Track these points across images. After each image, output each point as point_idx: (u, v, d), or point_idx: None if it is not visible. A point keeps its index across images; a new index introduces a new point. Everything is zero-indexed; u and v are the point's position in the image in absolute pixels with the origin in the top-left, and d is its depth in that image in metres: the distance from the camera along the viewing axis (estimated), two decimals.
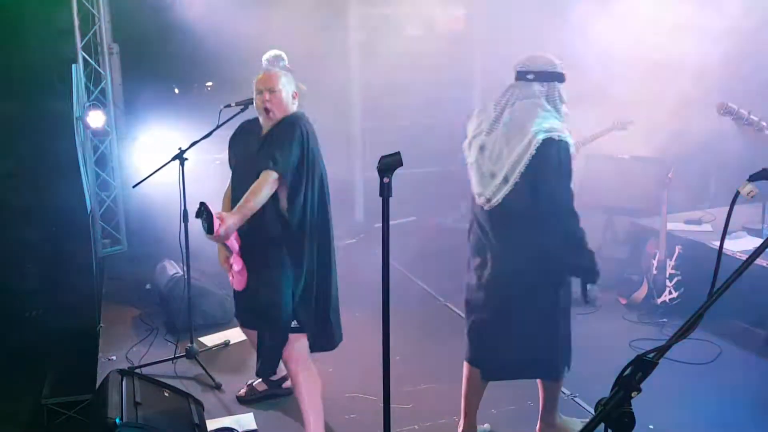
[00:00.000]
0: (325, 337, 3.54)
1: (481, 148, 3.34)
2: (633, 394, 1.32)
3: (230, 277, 3.49)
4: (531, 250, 3.27)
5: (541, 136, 3.10)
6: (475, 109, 3.54)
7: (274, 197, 3.29)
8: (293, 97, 3.49)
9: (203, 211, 2.99)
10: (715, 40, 5.47)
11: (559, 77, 3.29)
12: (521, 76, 3.30)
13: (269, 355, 3.46)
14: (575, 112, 3.69)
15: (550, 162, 3.11)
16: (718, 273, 1.51)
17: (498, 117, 3.30)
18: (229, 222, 3.07)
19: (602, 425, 1.35)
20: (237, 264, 3.38)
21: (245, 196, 3.22)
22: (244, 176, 3.40)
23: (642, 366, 1.33)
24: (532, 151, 3.11)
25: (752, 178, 1.65)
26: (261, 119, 3.48)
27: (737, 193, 1.70)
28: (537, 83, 3.26)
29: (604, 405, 1.33)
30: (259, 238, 3.35)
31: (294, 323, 3.39)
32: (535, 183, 3.15)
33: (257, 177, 3.26)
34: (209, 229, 2.99)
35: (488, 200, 3.29)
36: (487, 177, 3.30)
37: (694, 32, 5.59)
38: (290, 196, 3.31)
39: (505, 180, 3.20)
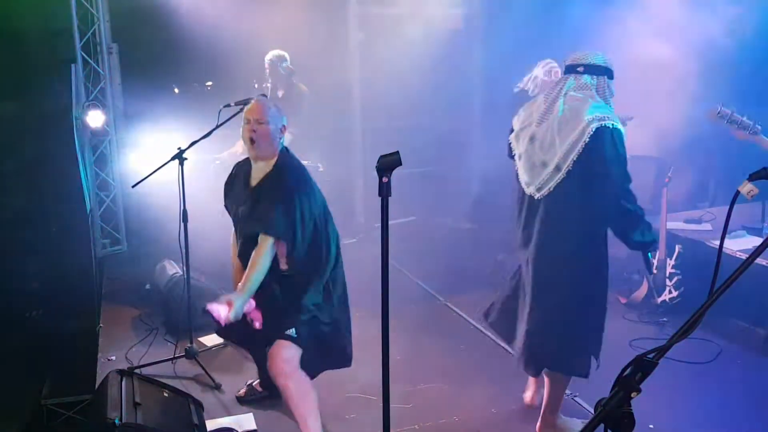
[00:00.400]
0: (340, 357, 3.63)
1: (531, 139, 3.41)
2: (633, 395, 1.31)
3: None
4: (583, 237, 3.34)
5: (594, 125, 3.18)
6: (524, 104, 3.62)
7: (274, 258, 3.34)
8: (281, 131, 3.46)
9: (207, 315, 3.21)
10: (715, 41, 5.48)
11: (609, 72, 3.37)
12: (571, 69, 3.38)
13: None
14: None
15: (605, 149, 3.20)
16: (718, 272, 1.50)
17: (549, 108, 3.38)
18: (237, 304, 3.18)
19: (602, 426, 1.34)
20: (257, 321, 3.45)
21: (247, 271, 3.28)
22: (244, 231, 3.45)
23: (642, 366, 1.32)
24: (585, 139, 3.19)
25: (752, 178, 1.65)
26: (247, 150, 3.47)
27: (737, 193, 1.69)
28: (587, 75, 3.33)
29: (603, 405, 1.32)
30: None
31: (291, 331, 3.36)
32: (588, 170, 3.22)
33: (252, 233, 3.32)
34: (218, 322, 3.20)
35: (538, 189, 3.37)
36: (537, 167, 3.36)
37: (693, 32, 5.59)
38: (288, 252, 3.35)
39: (558, 168, 3.27)
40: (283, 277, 3.40)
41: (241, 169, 3.61)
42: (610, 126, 3.19)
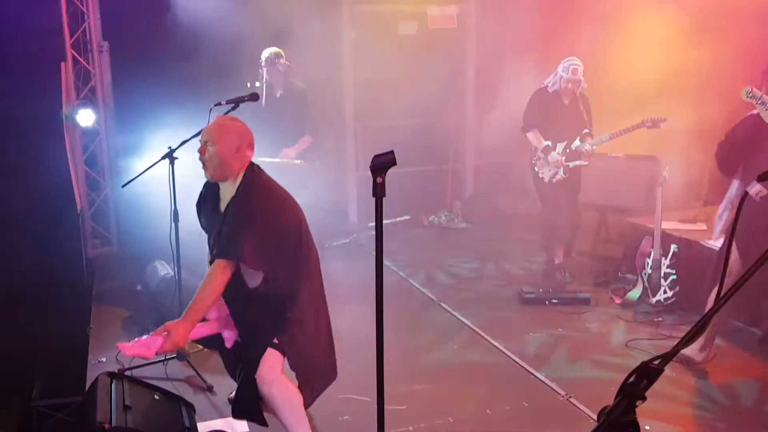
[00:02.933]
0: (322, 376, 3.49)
1: None
2: (638, 403, 1.27)
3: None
4: None
5: None
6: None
7: (241, 281, 3.21)
8: (237, 151, 3.18)
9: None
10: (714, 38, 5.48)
11: None
12: None
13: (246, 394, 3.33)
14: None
15: None
16: (725, 276, 1.46)
17: None
18: (177, 335, 3.01)
19: None
20: (229, 341, 3.38)
21: (195, 296, 3.12)
22: (213, 255, 3.29)
23: (647, 373, 1.28)
24: None
25: (760, 178, 1.60)
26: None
27: (745, 194, 1.65)
28: None
29: (608, 414, 1.28)
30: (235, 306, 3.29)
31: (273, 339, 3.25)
32: None
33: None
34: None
35: None
36: None
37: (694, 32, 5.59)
38: (258, 272, 3.22)
39: None
40: (254, 295, 3.27)
41: (211, 189, 3.43)
42: None
